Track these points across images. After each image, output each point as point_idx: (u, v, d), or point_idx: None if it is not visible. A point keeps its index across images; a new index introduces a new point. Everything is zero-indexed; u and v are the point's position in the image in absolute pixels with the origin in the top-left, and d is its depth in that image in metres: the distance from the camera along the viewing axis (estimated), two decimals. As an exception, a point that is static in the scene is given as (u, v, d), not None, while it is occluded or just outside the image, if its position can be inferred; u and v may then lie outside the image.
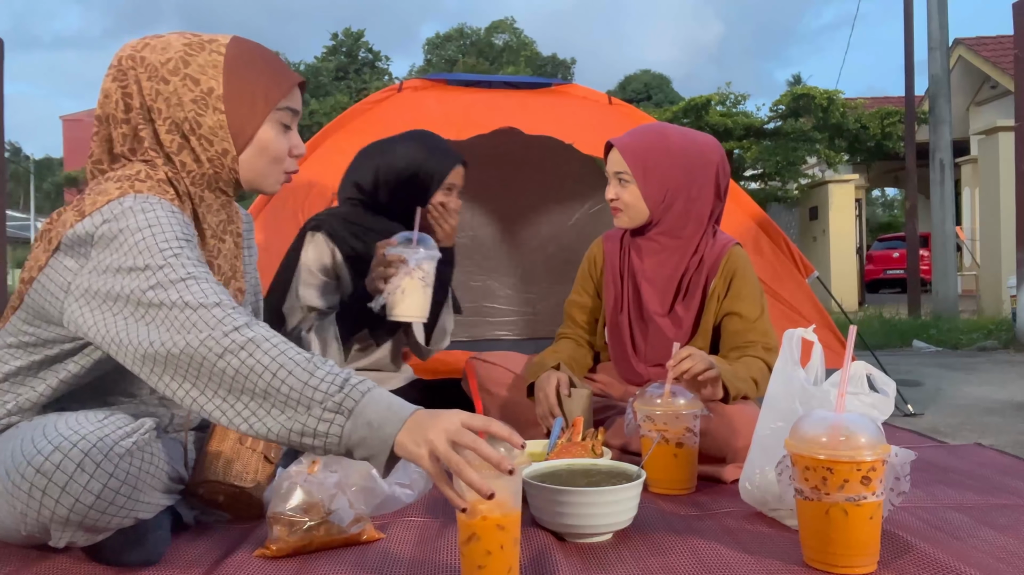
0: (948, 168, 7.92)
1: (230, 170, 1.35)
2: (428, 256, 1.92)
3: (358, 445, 1.09)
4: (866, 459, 1.18)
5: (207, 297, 1.16)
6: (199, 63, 1.31)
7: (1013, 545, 1.34)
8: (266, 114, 1.34)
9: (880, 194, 32.98)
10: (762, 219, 3.05)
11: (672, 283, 2.04)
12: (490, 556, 1.11)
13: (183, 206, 1.31)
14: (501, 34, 24.17)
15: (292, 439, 1.11)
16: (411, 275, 1.90)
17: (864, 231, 12.88)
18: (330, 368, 1.12)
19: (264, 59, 1.36)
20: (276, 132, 1.37)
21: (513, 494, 1.11)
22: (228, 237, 1.43)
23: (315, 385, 1.10)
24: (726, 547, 1.35)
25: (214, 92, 1.31)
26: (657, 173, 1.98)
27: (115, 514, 1.17)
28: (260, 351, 1.12)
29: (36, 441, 1.15)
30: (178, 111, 1.31)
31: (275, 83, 1.35)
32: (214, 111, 1.31)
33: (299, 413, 1.09)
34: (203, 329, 1.12)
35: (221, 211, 1.41)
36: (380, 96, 3.21)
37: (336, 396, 1.09)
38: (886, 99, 16.37)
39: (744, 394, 1.85)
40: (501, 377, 2.21)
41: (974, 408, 3.00)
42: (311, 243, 2.19)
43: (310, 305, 2.18)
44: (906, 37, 9.04)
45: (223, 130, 1.32)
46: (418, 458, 1.06)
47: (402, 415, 1.09)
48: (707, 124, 12.35)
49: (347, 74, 19.09)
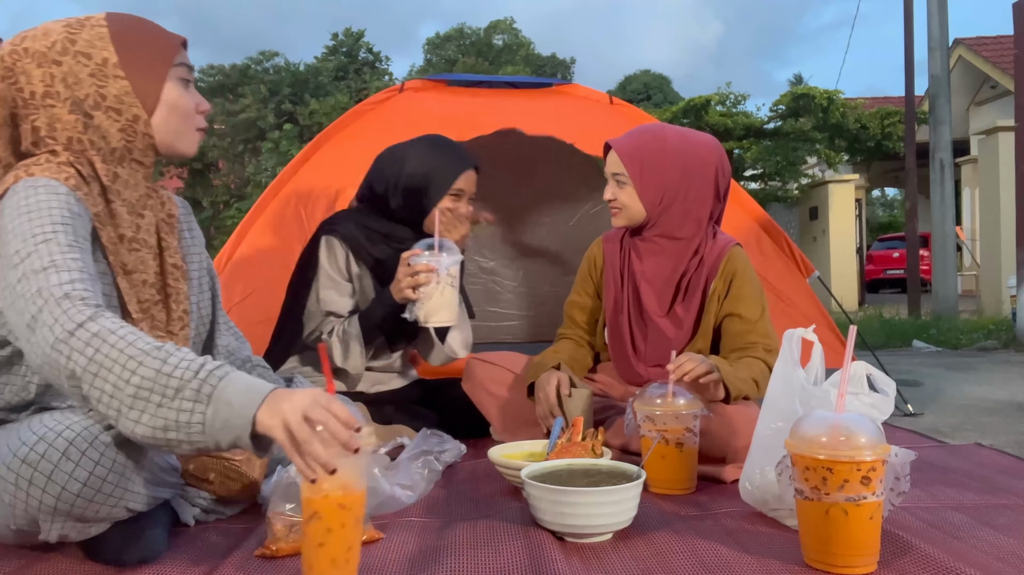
0: (948, 168, 7.92)
1: (144, 135, 1.35)
2: (453, 262, 1.96)
3: (222, 429, 1.09)
4: (866, 459, 1.18)
5: (58, 289, 1.13)
6: (85, 39, 1.32)
7: (1013, 545, 1.34)
8: (166, 72, 1.35)
9: (880, 194, 32.97)
10: (763, 219, 3.05)
11: (671, 284, 2.04)
12: (330, 534, 1.12)
13: (88, 187, 1.30)
14: (500, 34, 24.17)
15: (158, 438, 1.09)
16: (441, 282, 1.94)
17: (864, 231, 12.88)
18: (183, 355, 1.11)
19: (145, 25, 1.38)
20: (180, 89, 1.38)
21: (357, 474, 1.13)
22: (148, 212, 1.40)
23: (168, 372, 1.09)
24: (726, 547, 1.35)
25: (109, 61, 1.31)
26: (654, 174, 1.99)
27: (104, 502, 1.17)
28: (107, 345, 1.09)
29: (21, 434, 1.16)
30: (78, 89, 1.30)
31: (164, 42, 1.37)
32: (115, 79, 1.31)
33: (159, 406, 1.08)
34: (50, 329, 1.10)
35: (139, 186, 1.39)
36: (381, 97, 3.21)
37: (193, 383, 1.09)
38: (886, 99, 16.36)
39: (745, 394, 1.85)
40: (501, 377, 2.21)
41: (974, 408, 3.00)
42: (326, 247, 2.19)
43: (330, 310, 2.17)
44: (906, 37, 9.04)
45: (129, 96, 1.32)
46: (273, 430, 1.07)
47: (261, 392, 1.10)
48: (707, 124, 12.35)
49: (347, 74, 19.05)
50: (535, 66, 23.86)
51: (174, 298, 1.42)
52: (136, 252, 1.36)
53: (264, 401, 1.09)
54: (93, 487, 1.15)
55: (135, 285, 1.35)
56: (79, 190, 1.27)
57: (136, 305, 1.34)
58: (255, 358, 1.65)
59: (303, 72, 18.12)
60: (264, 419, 1.08)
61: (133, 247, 1.35)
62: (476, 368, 2.25)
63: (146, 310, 1.36)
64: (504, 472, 1.75)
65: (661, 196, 1.99)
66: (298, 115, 16.90)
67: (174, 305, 1.42)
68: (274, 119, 17.04)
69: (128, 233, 1.35)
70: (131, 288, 1.34)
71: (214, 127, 17.83)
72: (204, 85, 18.35)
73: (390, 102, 3.16)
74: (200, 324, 1.56)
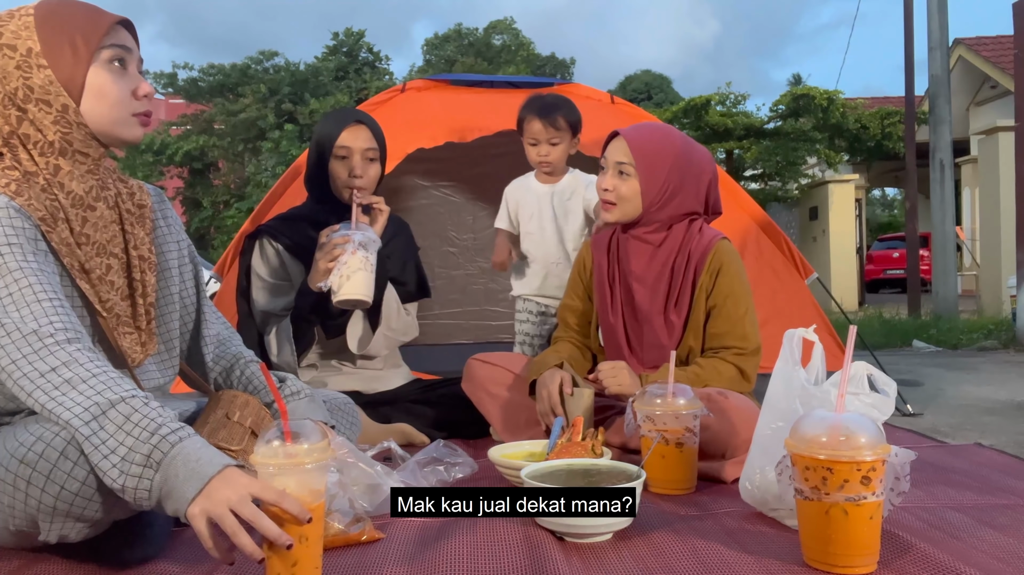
0: (948, 168, 7.91)
1: (78, 125, 1.30)
2: (366, 237, 2.01)
3: (167, 497, 1.10)
4: (866, 459, 1.18)
5: (25, 324, 1.16)
6: (11, 30, 1.29)
7: (1013, 545, 1.34)
8: (90, 57, 1.29)
9: (880, 194, 32.97)
10: (763, 219, 3.05)
11: (662, 280, 2.03)
12: (305, 546, 1.12)
13: (31, 188, 1.27)
14: (500, 34, 24.13)
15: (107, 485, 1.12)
16: (354, 255, 1.98)
17: (864, 231, 12.88)
18: (146, 413, 1.13)
19: (76, 7, 1.32)
20: (110, 73, 1.31)
21: (308, 490, 1.12)
22: (100, 204, 1.36)
23: (125, 436, 1.11)
24: (726, 547, 1.35)
25: (33, 51, 1.27)
26: (659, 171, 1.98)
27: (103, 501, 1.16)
28: (75, 392, 1.14)
29: (18, 435, 1.16)
30: (7, 83, 1.28)
31: (91, 25, 1.30)
32: (39, 69, 1.28)
33: (110, 461, 1.10)
34: (17, 364, 1.14)
35: (87, 177, 1.35)
36: (383, 97, 3.22)
37: (143, 448, 1.10)
38: (886, 99, 16.35)
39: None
40: (501, 377, 2.21)
41: (974, 408, 3.00)
42: (257, 250, 2.28)
43: (263, 309, 2.23)
44: (906, 37, 9.04)
45: (54, 85, 1.28)
46: (194, 519, 1.08)
47: (206, 474, 1.09)
48: (707, 124, 12.34)
49: (347, 74, 19.04)
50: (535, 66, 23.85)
51: (140, 291, 1.40)
52: (84, 247, 1.32)
53: (203, 489, 1.08)
54: (92, 486, 1.14)
55: (95, 283, 1.33)
56: (20, 195, 1.25)
57: (100, 304, 1.33)
58: (246, 352, 1.64)
59: (303, 72, 18.11)
60: (193, 509, 1.08)
61: (80, 241, 1.32)
62: (476, 368, 2.25)
63: (110, 308, 1.34)
64: (504, 472, 1.75)
65: (661, 194, 1.99)
66: (298, 115, 16.90)
67: (140, 299, 1.40)
68: (274, 119, 17.03)
69: (75, 227, 1.32)
70: (92, 287, 1.32)
71: (214, 127, 17.84)
72: (204, 85, 18.35)
73: (392, 102, 3.16)
74: (185, 314, 1.54)
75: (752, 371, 1.99)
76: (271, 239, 2.27)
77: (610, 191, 2.00)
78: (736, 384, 1.95)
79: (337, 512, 1.38)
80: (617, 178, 2.00)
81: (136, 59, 1.36)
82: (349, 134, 2.21)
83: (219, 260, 2.94)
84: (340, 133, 2.21)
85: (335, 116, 2.28)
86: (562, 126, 2.50)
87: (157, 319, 1.45)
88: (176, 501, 1.09)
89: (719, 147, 12.70)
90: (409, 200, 3.89)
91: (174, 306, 1.50)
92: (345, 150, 2.21)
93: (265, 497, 1.07)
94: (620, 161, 2.00)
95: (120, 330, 1.36)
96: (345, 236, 2.00)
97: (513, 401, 2.16)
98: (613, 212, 2.03)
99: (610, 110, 3.26)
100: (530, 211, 2.59)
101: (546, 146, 2.52)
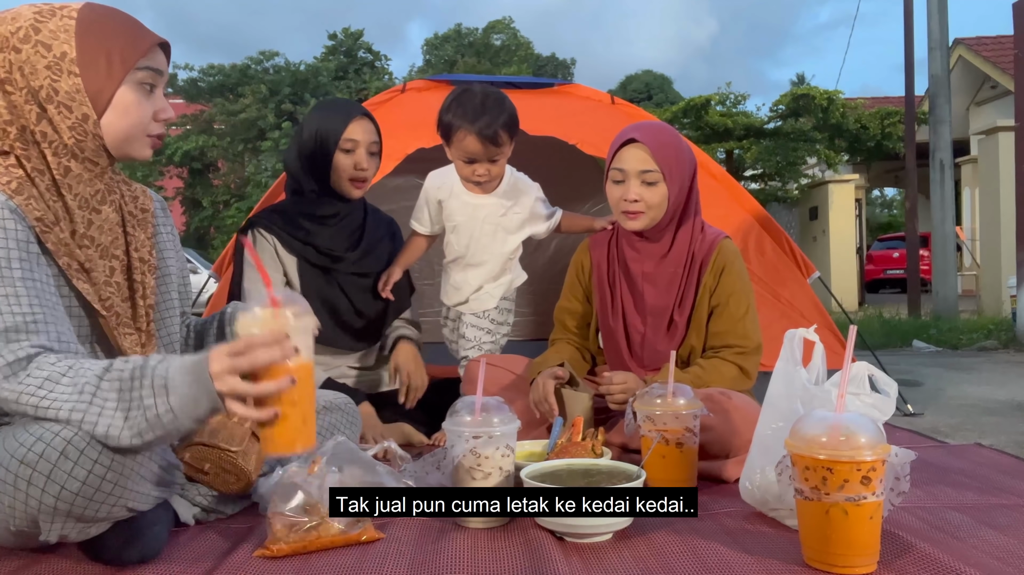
0: (948, 168, 7.91)
1: (94, 136, 1.31)
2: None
3: (192, 404, 1.14)
4: (866, 459, 1.18)
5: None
6: (50, 29, 1.28)
7: (1013, 545, 1.34)
8: (123, 75, 1.30)
9: (880, 194, 32.96)
10: (764, 218, 3.05)
11: (674, 282, 2.04)
12: (302, 389, 1.13)
13: (34, 186, 1.28)
14: (499, 35, 24.15)
15: (135, 441, 1.15)
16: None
17: (864, 231, 12.87)
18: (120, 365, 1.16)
19: (120, 21, 1.32)
20: (137, 94, 1.32)
21: (307, 344, 1.14)
22: (105, 207, 1.37)
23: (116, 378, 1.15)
24: (726, 547, 1.35)
25: (67, 56, 1.27)
26: (680, 173, 1.98)
27: (103, 501, 1.16)
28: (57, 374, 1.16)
29: (18, 435, 1.16)
30: (33, 79, 1.27)
31: (131, 43, 1.31)
32: (69, 75, 1.27)
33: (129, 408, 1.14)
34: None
35: (95, 181, 1.35)
36: (384, 97, 3.22)
37: (146, 391, 1.14)
38: (886, 99, 16.36)
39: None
40: (501, 378, 2.21)
41: (974, 408, 3.00)
42: (252, 240, 2.25)
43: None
44: (906, 37, 9.04)
45: (80, 94, 1.28)
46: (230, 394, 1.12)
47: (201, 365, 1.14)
48: (707, 124, 12.35)
49: (347, 74, 19.06)
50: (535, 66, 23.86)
51: (140, 293, 1.40)
52: (87, 248, 1.33)
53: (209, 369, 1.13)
54: (92, 485, 1.14)
55: (95, 283, 1.33)
56: (19, 194, 1.25)
57: (99, 303, 1.33)
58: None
59: (303, 72, 18.14)
60: (220, 387, 1.12)
61: (84, 243, 1.32)
62: (476, 369, 2.25)
63: (110, 307, 1.35)
64: (504, 472, 1.74)
65: (679, 195, 1.99)
66: (298, 115, 16.92)
67: (140, 300, 1.40)
68: (274, 119, 17.05)
69: (80, 229, 1.32)
70: (92, 287, 1.32)
71: (214, 127, 17.85)
72: (204, 85, 18.37)
73: (392, 102, 3.16)
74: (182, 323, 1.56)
75: (753, 369, 1.99)
76: (264, 231, 2.25)
77: (639, 201, 1.96)
78: (738, 383, 1.96)
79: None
80: (643, 187, 1.95)
81: (164, 81, 1.38)
82: (357, 127, 2.20)
83: (217, 259, 2.94)
84: (347, 125, 2.18)
85: (338, 108, 2.25)
86: (504, 141, 2.16)
87: (156, 322, 1.45)
88: (198, 404, 1.14)
89: (719, 147, 12.71)
90: (409, 200, 3.88)
91: (174, 311, 1.51)
92: (352, 143, 2.19)
93: (235, 349, 1.11)
94: (645, 169, 1.95)
95: (121, 330, 1.36)
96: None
97: (513, 403, 2.16)
98: (641, 220, 1.98)
99: (610, 110, 3.26)
100: (458, 223, 2.28)
101: (485, 164, 2.18)
